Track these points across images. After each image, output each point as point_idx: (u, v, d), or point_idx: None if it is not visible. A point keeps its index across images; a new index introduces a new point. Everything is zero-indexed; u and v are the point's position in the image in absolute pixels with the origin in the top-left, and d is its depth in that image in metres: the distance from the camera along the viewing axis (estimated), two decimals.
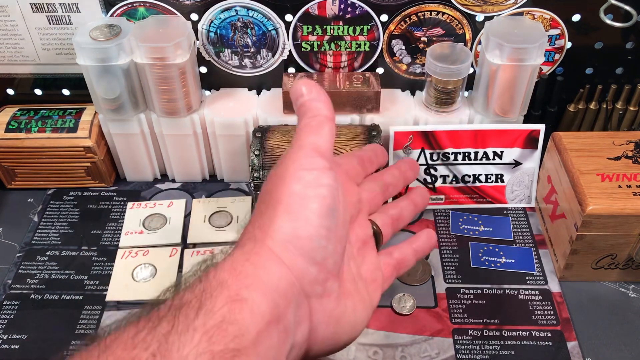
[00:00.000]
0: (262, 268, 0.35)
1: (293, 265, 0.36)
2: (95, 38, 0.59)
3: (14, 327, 0.56)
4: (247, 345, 0.31)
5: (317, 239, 0.37)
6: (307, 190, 0.37)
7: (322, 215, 0.37)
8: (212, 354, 0.30)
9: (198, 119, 0.65)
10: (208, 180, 0.72)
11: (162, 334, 0.30)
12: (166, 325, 0.31)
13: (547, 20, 0.63)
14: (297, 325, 0.36)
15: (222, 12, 0.62)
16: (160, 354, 0.29)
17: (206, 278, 0.34)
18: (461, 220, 0.65)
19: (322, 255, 0.37)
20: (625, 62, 0.66)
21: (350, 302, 0.40)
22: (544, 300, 0.58)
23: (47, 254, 0.63)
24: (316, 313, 0.38)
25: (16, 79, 0.69)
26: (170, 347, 0.30)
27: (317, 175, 0.38)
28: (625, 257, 0.57)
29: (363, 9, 0.62)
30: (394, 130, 0.62)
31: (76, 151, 0.66)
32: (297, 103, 0.41)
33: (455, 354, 0.53)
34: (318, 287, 0.37)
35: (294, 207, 0.37)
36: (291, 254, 0.36)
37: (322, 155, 0.39)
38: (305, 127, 0.40)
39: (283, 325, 0.34)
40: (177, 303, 0.32)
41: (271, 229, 0.37)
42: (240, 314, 0.32)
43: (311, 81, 0.42)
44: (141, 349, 0.30)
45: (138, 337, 0.30)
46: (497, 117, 0.63)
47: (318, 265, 0.37)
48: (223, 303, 0.32)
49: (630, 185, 0.55)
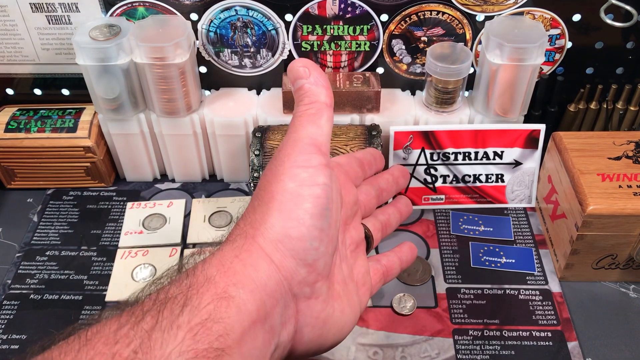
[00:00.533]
0: (251, 266, 0.34)
1: (282, 265, 0.35)
2: (94, 38, 0.59)
3: (13, 327, 0.56)
4: (231, 344, 0.31)
5: (309, 240, 0.36)
6: (301, 189, 0.36)
7: (315, 216, 0.36)
8: (195, 352, 0.29)
9: (198, 119, 0.65)
10: (208, 180, 0.71)
11: (145, 329, 0.29)
12: (150, 320, 0.30)
13: (547, 20, 0.63)
14: (282, 326, 0.36)
15: (222, 12, 0.62)
16: (142, 350, 0.29)
17: (193, 273, 0.33)
18: (461, 220, 0.65)
19: (313, 257, 0.36)
20: (625, 62, 0.66)
21: (339, 304, 0.40)
22: (544, 300, 0.58)
23: (46, 254, 0.63)
24: (303, 314, 0.37)
25: (15, 78, 0.68)
26: (153, 344, 0.29)
27: (313, 173, 0.37)
28: (625, 257, 0.57)
29: (363, 9, 0.62)
30: (394, 130, 0.62)
31: (76, 151, 0.66)
32: (295, 84, 0.40)
33: (455, 354, 0.53)
34: (307, 288, 0.37)
35: (287, 206, 0.36)
36: (281, 253, 0.35)
37: (318, 150, 0.38)
38: (303, 115, 0.39)
39: (269, 325, 0.34)
40: (162, 297, 0.32)
41: (263, 226, 0.36)
42: (226, 312, 0.31)
43: (310, 61, 0.40)
44: (123, 345, 0.29)
45: (120, 332, 0.29)
46: (497, 117, 0.63)
47: (308, 267, 0.36)
48: (209, 300, 0.31)
49: (631, 185, 0.55)
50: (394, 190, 0.54)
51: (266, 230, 0.36)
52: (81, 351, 0.29)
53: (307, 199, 0.36)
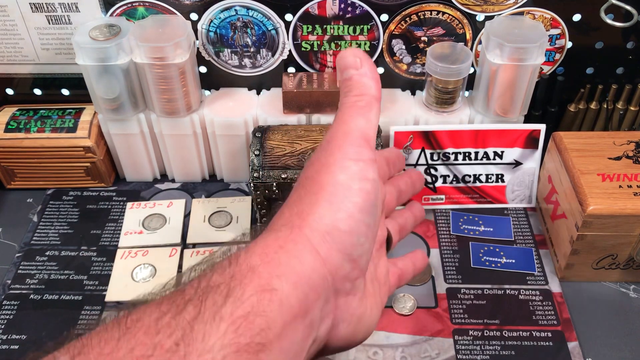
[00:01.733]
0: (296, 258, 0.33)
1: (328, 258, 0.34)
2: (94, 38, 0.59)
3: (13, 328, 0.56)
4: (272, 339, 0.30)
5: (357, 235, 0.35)
6: (352, 182, 0.35)
7: (364, 211, 0.35)
8: (237, 346, 0.28)
9: (198, 119, 0.65)
10: (208, 180, 0.71)
11: (188, 320, 0.29)
12: (192, 310, 0.29)
13: (547, 19, 0.63)
14: (321, 321, 0.35)
15: (221, 12, 0.62)
16: (184, 342, 0.28)
17: (236, 262, 0.32)
18: (462, 220, 0.65)
19: (359, 252, 0.36)
20: (625, 62, 0.66)
21: (370, 302, 0.40)
22: (544, 300, 0.58)
23: (46, 254, 0.62)
24: (341, 310, 0.37)
25: (15, 78, 0.68)
26: (195, 335, 0.28)
27: (363, 167, 0.36)
28: (625, 257, 0.57)
29: (363, 9, 0.62)
30: (394, 130, 0.62)
31: (75, 151, 0.66)
32: (343, 75, 0.39)
33: (455, 355, 0.53)
34: (348, 284, 0.36)
35: (337, 198, 0.35)
36: (329, 246, 0.34)
37: (368, 144, 0.37)
38: (352, 107, 0.38)
39: (309, 320, 0.33)
40: (204, 286, 0.31)
41: (311, 217, 0.35)
42: (269, 306, 0.30)
43: (361, 51, 0.39)
44: (164, 335, 0.28)
45: (162, 322, 0.29)
46: (497, 117, 0.63)
47: (353, 262, 0.36)
48: (252, 292, 0.30)
49: (631, 185, 0.55)
50: (410, 193, 0.53)
51: (314, 221, 0.34)
52: (122, 340, 0.28)
53: (357, 193, 0.35)
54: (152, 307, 0.30)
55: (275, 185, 0.59)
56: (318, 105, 0.64)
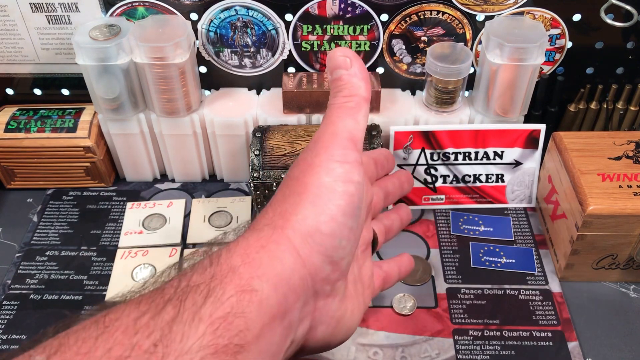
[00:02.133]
0: (278, 259, 0.33)
1: (309, 260, 0.34)
2: (94, 38, 0.59)
3: (13, 328, 0.56)
4: (250, 340, 0.30)
5: (338, 237, 0.35)
6: (336, 184, 0.35)
7: (347, 214, 0.35)
8: (216, 347, 0.29)
9: (198, 119, 0.65)
10: (208, 180, 0.71)
11: (166, 320, 0.29)
12: (171, 310, 0.29)
13: (547, 19, 0.63)
14: (300, 322, 0.35)
15: (221, 12, 0.62)
16: (162, 343, 0.28)
17: (217, 261, 0.32)
18: (461, 220, 0.65)
19: (340, 255, 0.36)
20: (626, 62, 0.66)
21: (350, 304, 0.40)
22: (544, 300, 0.58)
23: (46, 254, 0.62)
24: (319, 312, 0.37)
25: (15, 78, 0.68)
26: (174, 336, 0.28)
27: (349, 169, 0.36)
28: (626, 257, 0.57)
29: (363, 9, 0.62)
30: (394, 130, 0.62)
31: (75, 151, 0.66)
32: (333, 74, 0.39)
33: (455, 355, 0.53)
34: (327, 286, 0.36)
35: (321, 200, 0.35)
36: (310, 248, 0.34)
37: (355, 146, 0.37)
38: (341, 107, 0.38)
39: (288, 321, 0.33)
40: (184, 286, 0.31)
41: (294, 217, 0.35)
42: (248, 307, 0.30)
43: (351, 51, 0.39)
44: (143, 336, 0.28)
45: (140, 322, 0.29)
46: (497, 117, 0.63)
47: (333, 265, 0.36)
48: (232, 292, 0.30)
49: (631, 185, 0.55)
50: (398, 194, 0.53)
51: (297, 222, 0.34)
52: (99, 339, 0.28)
53: (341, 195, 0.35)
54: (131, 306, 0.30)
55: (275, 185, 0.59)
56: (318, 105, 0.64)
